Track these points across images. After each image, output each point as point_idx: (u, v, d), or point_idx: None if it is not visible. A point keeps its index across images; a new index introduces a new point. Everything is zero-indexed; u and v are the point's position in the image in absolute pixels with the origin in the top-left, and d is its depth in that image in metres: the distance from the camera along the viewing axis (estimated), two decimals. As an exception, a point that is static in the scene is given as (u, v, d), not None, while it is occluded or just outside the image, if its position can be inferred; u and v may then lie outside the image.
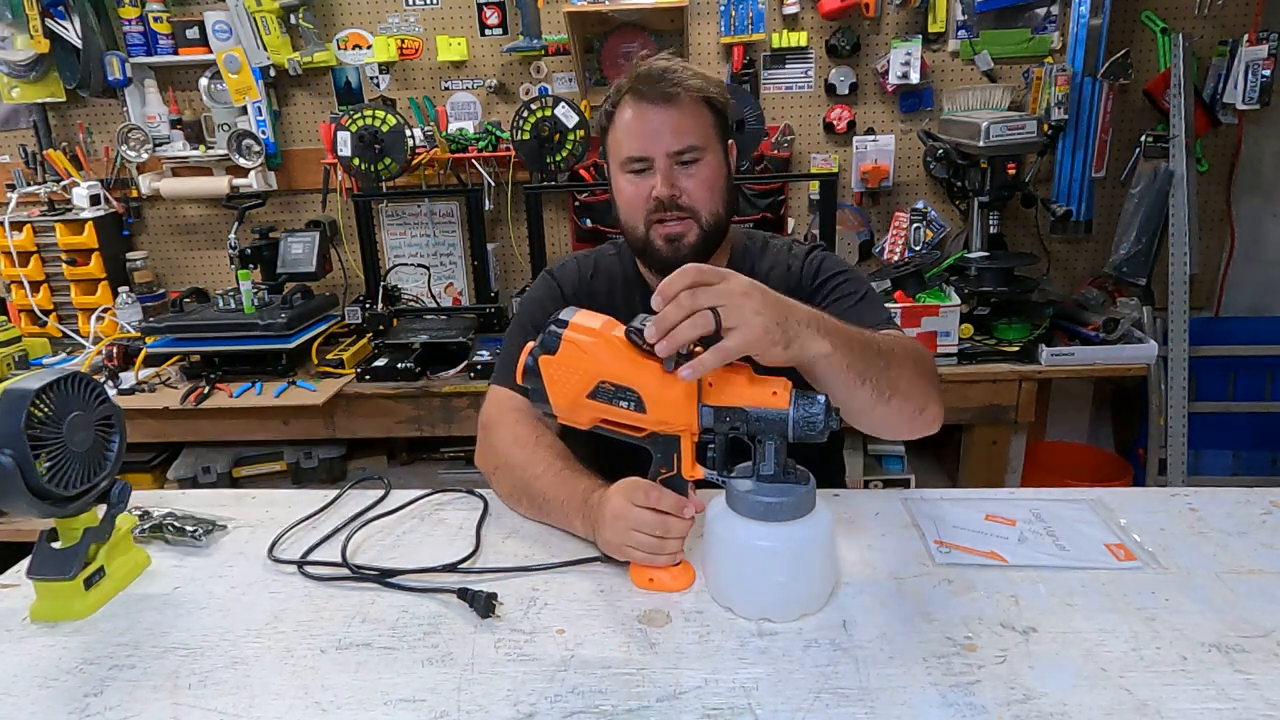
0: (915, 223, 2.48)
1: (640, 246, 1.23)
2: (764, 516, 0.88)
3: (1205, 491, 1.15)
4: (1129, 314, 2.24)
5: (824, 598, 0.92)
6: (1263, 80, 2.21)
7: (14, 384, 0.90)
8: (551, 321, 0.93)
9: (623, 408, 0.91)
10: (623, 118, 1.20)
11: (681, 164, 1.18)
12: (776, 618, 0.89)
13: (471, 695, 0.80)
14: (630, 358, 0.89)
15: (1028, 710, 0.75)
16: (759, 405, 0.86)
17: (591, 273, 1.36)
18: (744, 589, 0.91)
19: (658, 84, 1.16)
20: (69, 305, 2.63)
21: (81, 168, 2.64)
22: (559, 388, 0.93)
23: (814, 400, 0.85)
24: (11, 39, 2.48)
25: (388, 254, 2.69)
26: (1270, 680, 0.78)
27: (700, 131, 1.18)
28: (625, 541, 0.97)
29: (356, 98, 2.58)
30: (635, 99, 1.18)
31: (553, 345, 0.92)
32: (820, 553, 0.91)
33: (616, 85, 1.22)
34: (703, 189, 1.19)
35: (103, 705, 0.81)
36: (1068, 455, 2.62)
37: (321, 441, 2.34)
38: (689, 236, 1.19)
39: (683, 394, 0.88)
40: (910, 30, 2.43)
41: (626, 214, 1.23)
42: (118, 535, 1.01)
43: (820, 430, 0.85)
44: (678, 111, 1.16)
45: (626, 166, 1.20)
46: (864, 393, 0.97)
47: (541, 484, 1.12)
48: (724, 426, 0.88)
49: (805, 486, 0.89)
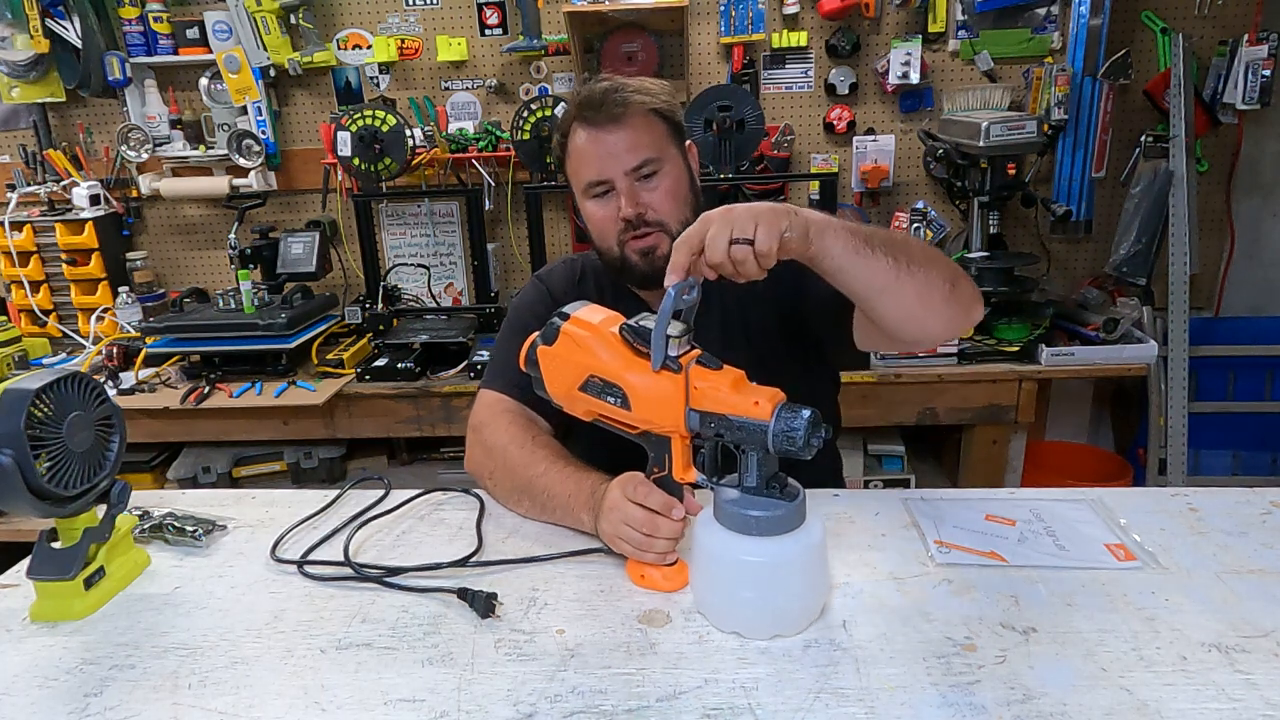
0: (915, 223, 2.48)
1: (617, 266, 1.23)
2: (741, 529, 0.86)
3: (1205, 491, 1.15)
4: (1129, 314, 2.24)
5: (800, 621, 0.87)
6: (1263, 80, 2.21)
7: (14, 384, 0.90)
8: (555, 314, 0.96)
9: (610, 403, 0.92)
10: (576, 145, 1.20)
11: (641, 179, 1.18)
12: (746, 634, 0.87)
13: (471, 695, 0.80)
14: (620, 354, 0.90)
15: (1028, 710, 0.75)
16: (741, 414, 0.84)
17: (579, 276, 1.36)
18: (715, 600, 0.89)
19: (602, 107, 1.16)
20: (69, 305, 2.63)
21: (81, 168, 2.64)
22: (554, 378, 0.97)
23: (797, 414, 0.82)
24: (11, 39, 2.48)
25: (388, 254, 2.69)
26: (1270, 680, 0.78)
27: (654, 144, 1.18)
28: (617, 533, 0.98)
29: (356, 98, 2.58)
30: (584, 125, 1.18)
31: (551, 336, 0.95)
32: (797, 574, 0.86)
33: (565, 114, 1.23)
34: (667, 200, 1.19)
35: (103, 705, 0.81)
36: (1068, 455, 2.62)
37: (321, 441, 2.34)
38: (662, 247, 1.19)
39: (667, 395, 0.88)
40: (910, 30, 2.43)
41: (599, 237, 1.24)
42: (118, 535, 1.01)
43: (801, 445, 0.81)
44: (628, 129, 1.17)
45: (589, 192, 1.21)
46: (881, 261, 0.95)
47: (545, 481, 1.12)
48: (710, 432, 0.87)
49: (789, 503, 0.86)
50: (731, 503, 0.87)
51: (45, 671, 0.86)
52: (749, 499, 0.86)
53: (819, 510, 1.11)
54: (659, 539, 0.95)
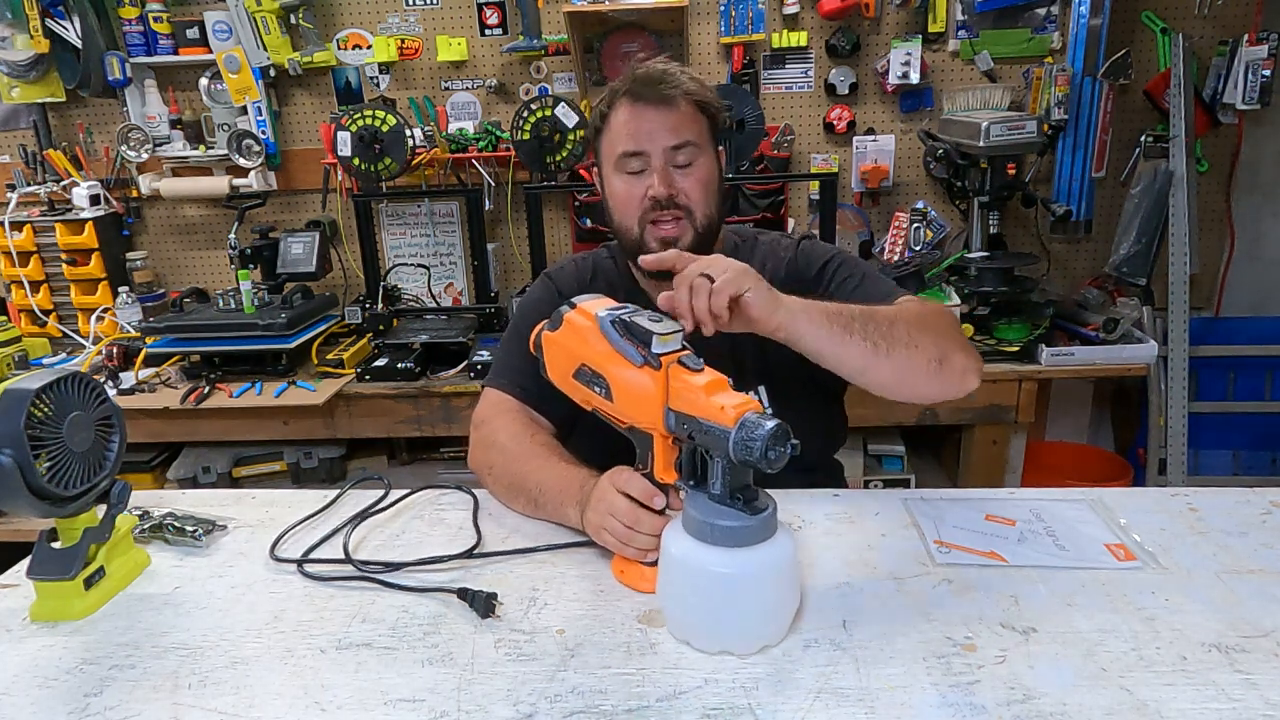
0: (915, 223, 2.48)
1: (634, 248, 1.22)
2: (700, 536, 0.84)
3: (1205, 491, 1.15)
4: (1129, 314, 2.24)
5: (750, 640, 0.84)
6: (1263, 80, 2.21)
7: (14, 384, 0.90)
8: (565, 302, 0.99)
9: (597, 393, 0.94)
10: (618, 118, 1.19)
11: (677, 166, 1.18)
12: (695, 643, 0.84)
13: (471, 695, 0.80)
14: (607, 345, 0.91)
15: (1028, 710, 0.75)
16: (709, 418, 0.82)
17: (590, 276, 1.35)
18: (670, 605, 0.88)
19: (656, 86, 1.17)
20: (69, 305, 2.63)
21: (81, 168, 2.64)
22: (554, 363, 1.01)
23: (759, 424, 0.78)
24: (11, 39, 2.48)
25: (388, 254, 2.69)
26: (1270, 680, 0.78)
27: (696, 131, 1.19)
28: (602, 524, 0.98)
29: (356, 98, 2.58)
30: (631, 100, 1.18)
31: (556, 323, 0.99)
32: (751, 590, 0.83)
33: (611, 88, 1.22)
34: (698, 188, 1.19)
35: (103, 705, 0.81)
36: (1068, 455, 2.62)
37: (321, 441, 2.34)
38: (684, 239, 1.18)
39: (647, 391, 0.88)
40: (910, 30, 2.43)
41: (621, 214, 1.22)
42: (118, 535, 1.01)
43: (758, 456, 0.78)
44: (674, 112, 1.17)
45: (621, 165, 1.20)
46: (857, 346, 0.99)
47: (538, 477, 1.12)
48: (684, 433, 0.86)
49: (752, 516, 0.83)
50: (696, 509, 0.86)
51: (45, 671, 0.86)
52: (713, 507, 0.85)
53: (818, 511, 1.13)
54: (640, 533, 0.94)
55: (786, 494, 1.17)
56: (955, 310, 2.14)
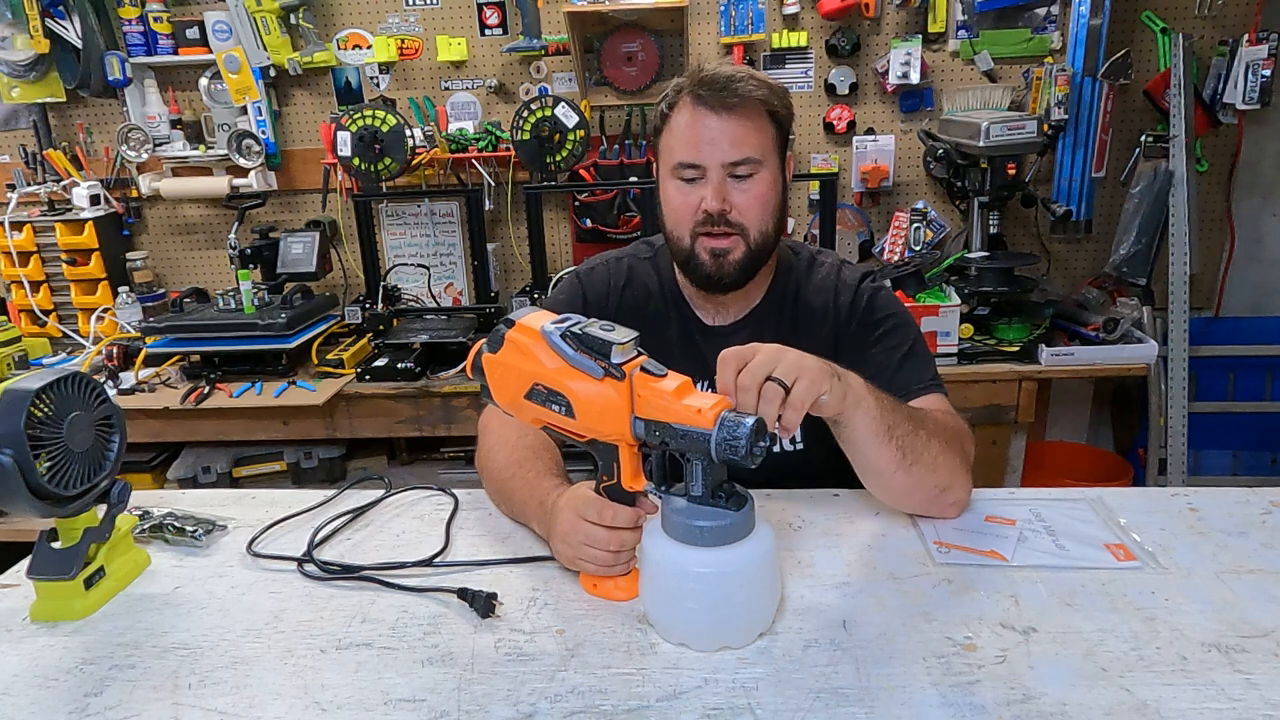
0: (915, 223, 2.48)
1: (684, 258, 1.19)
2: (687, 539, 0.84)
3: (1205, 491, 1.15)
4: (1129, 314, 2.24)
5: (748, 633, 0.86)
6: (1263, 80, 2.21)
7: (14, 384, 0.90)
8: (501, 320, 0.93)
9: (555, 411, 0.89)
10: (679, 121, 1.14)
11: (735, 177, 1.13)
12: (693, 645, 0.85)
13: (471, 695, 0.80)
14: (561, 361, 0.87)
15: (1028, 710, 0.75)
16: (684, 422, 0.82)
17: (624, 282, 1.30)
18: (662, 611, 0.88)
19: (720, 92, 1.10)
20: (69, 305, 2.63)
21: (81, 168, 2.64)
22: (500, 386, 0.93)
23: (739, 423, 0.79)
24: (11, 39, 2.48)
25: (388, 254, 2.69)
26: (1270, 680, 0.78)
27: (759, 144, 1.13)
28: (579, 555, 0.95)
29: (356, 98, 2.58)
30: (694, 103, 1.12)
31: (496, 343, 0.92)
32: (743, 585, 0.84)
33: (675, 84, 1.16)
34: (755, 205, 1.14)
35: (103, 705, 0.81)
36: (1068, 455, 2.62)
37: (321, 441, 2.34)
38: (735, 253, 1.15)
39: (611, 403, 0.85)
40: (910, 30, 2.43)
41: (673, 223, 1.18)
42: (118, 535, 1.01)
43: (743, 454, 0.78)
44: (738, 122, 1.11)
45: (677, 173, 1.15)
46: (889, 451, 0.98)
47: (513, 485, 1.11)
48: (655, 440, 0.85)
49: (735, 512, 0.84)
50: (678, 512, 0.85)
51: (45, 671, 0.86)
52: (695, 509, 0.85)
53: (818, 511, 1.13)
54: (625, 553, 0.93)
55: (787, 494, 1.17)
56: (955, 311, 2.15)
